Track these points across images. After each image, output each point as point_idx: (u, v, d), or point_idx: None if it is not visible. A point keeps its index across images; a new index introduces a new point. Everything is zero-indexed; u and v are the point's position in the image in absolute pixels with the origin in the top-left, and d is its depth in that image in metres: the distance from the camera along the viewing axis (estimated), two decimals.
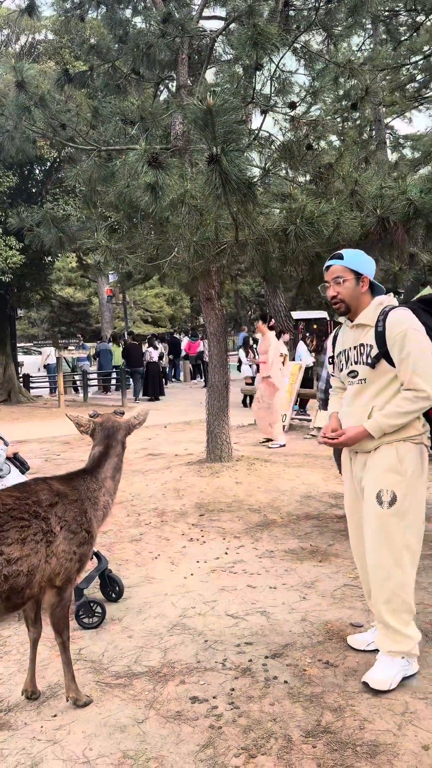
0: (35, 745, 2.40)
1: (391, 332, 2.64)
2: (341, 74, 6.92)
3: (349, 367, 2.83)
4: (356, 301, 2.78)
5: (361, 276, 2.77)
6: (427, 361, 2.59)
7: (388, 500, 2.64)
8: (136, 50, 6.65)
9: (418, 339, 2.62)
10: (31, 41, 15.95)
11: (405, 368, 2.60)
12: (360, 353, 2.76)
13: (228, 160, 4.06)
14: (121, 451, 2.94)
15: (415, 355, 2.58)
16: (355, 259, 2.79)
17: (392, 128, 25.12)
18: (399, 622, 2.66)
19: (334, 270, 2.79)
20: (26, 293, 17.56)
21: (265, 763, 2.23)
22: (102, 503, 2.78)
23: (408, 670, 2.70)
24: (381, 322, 2.68)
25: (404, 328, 2.62)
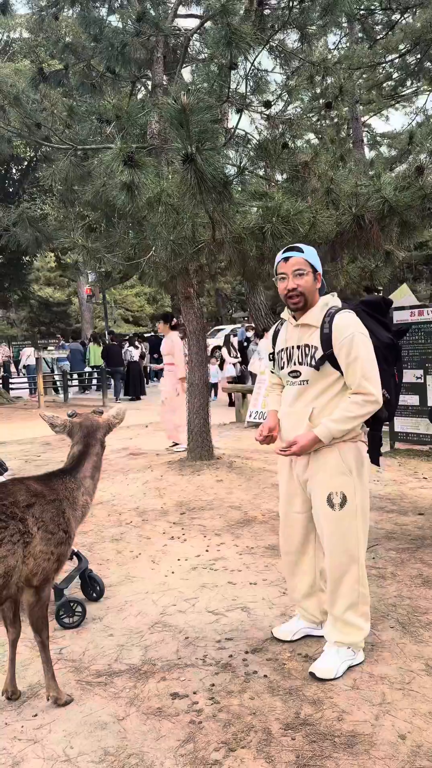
0: (16, 745, 2.40)
1: (338, 335, 2.64)
2: (316, 73, 6.98)
3: (291, 367, 2.81)
4: (311, 297, 2.76)
5: (317, 273, 2.78)
6: (374, 366, 2.63)
7: (339, 502, 2.71)
8: (111, 49, 6.63)
9: (366, 343, 2.64)
10: (5, 39, 15.81)
11: (353, 372, 2.61)
12: (304, 354, 2.75)
13: (203, 159, 4.08)
14: (100, 451, 2.93)
15: (363, 360, 2.60)
16: (313, 255, 2.79)
17: (369, 126, 25.34)
18: (356, 614, 2.77)
19: (296, 262, 2.74)
20: (4, 293, 17.43)
21: (245, 757, 2.25)
22: (81, 503, 2.77)
23: (354, 660, 2.79)
24: (327, 324, 2.67)
25: (352, 331, 2.62)
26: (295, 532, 2.95)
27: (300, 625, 3.10)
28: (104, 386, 15.91)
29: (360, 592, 2.77)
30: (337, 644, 2.79)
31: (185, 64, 7.27)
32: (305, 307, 2.77)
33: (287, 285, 2.74)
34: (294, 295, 2.74)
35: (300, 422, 2.75)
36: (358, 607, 2.78)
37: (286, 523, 2.99)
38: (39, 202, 13.59)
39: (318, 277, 2.78)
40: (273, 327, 3.03)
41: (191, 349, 7.20)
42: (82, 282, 27.40)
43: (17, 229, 7.07)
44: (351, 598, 2.76)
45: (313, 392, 2.74)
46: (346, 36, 18.29)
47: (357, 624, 2.78)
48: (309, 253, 2.78)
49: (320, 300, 2.79)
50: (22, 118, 6.18)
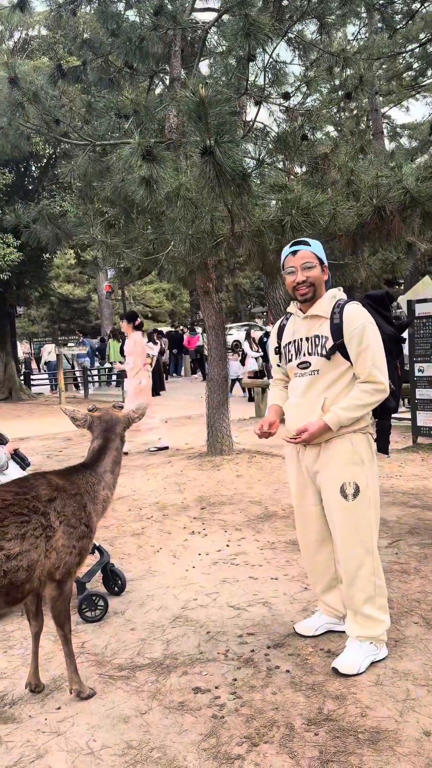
0: (39, 737, 2.42)
1: (349, 325, 2.67)
2: (335, 64, 6.90)
3: (300, 358, 2.82)
4: (320, 288, 2.80)
5: (324, 265, 2.81)
6: (383, 355, 2.68)
7: (352, 492, 2.71)
8: (128, 44, 6.63)
9: (376, 333, 2.68)
10: (24, 37, 15.90)
11: (363, 361, 2.65)
12: (314, 344, 2.76)
13: (222, 151, 4.06)
14: (120, 445, 2.93)
15: (374, 349, 2.65)
16: (319, 248, 2.83)
17: (389, 117, 25.04)
18: (374, 607, 2.75)
19: (304, 255, 2.77)
20: (25, 291, 17.56)
21: (268, 752, 2.24)
22: (101, 497, 2.78)
23: (377, 655, 2.77)
24: (338, 314, 2.71)
25: (363, 321, 2.67)
26: (312, 524, 2.94)
27: (322, 620, 3.08)
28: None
29: (376, 584, 2.75)
30: (360, 639, 2.77)
31: (203, 57, 7.24)
32: (313, 298, 2.80)
33: (296, 278, 2.77)
34: (304, 287, 2.77)
35: (312, 413, 2.74)
36: (376, 600, 2.76)
37: (301, 516, 2.99)
38: (58, 199, 13.67)
39: (325, 270, 2.81)
40: (278, 322, 3.05)
41: (210, 345, 7.19)
42: (102, 278, 27.54)
43: (37, 226, 7.11)
44: (368, 591, 2.74)
45: (324, 382, 2.74)
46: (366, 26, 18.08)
47: (377, 617, 2.76)
48: (315, 246, 2.82)
49: (328, 292, 2.82)
50: (41, 114, 6.20)
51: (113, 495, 2.89)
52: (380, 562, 2.82)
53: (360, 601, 2.75)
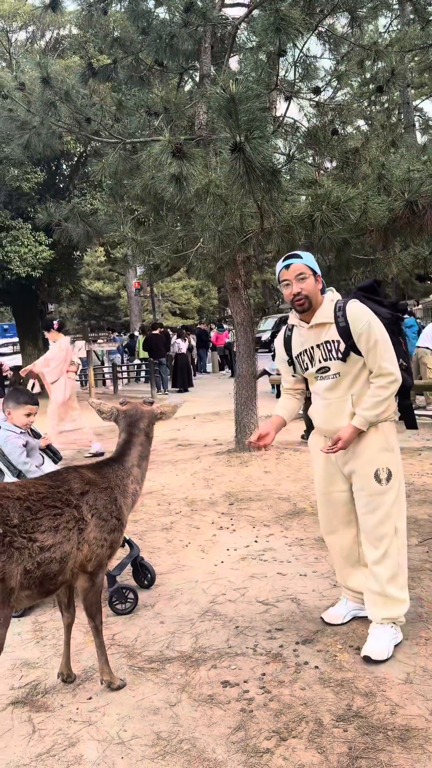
0: (71, 726, 2.46)
1: (355, 325, 2.78)
2: (367, 57, 6.82)
3: (317, 365, 2.94)
4: (315, 298, 2.89)
5: (317, 274, 2.90)
6: (390, 347, 2.80)
7: (386, 477, 2.84)
8: (158, 41, 6.65)
9: (380, 327, 2.79)
10: (55, 37, 16.07)
11: (374, 356, 2.77)
12: (328, 350, 2.88)
13: (252, 147, 4.05)
14: (144, 440, 2.93)
15: (381, 343, 2.76)
16: (311, 260, 2.92)
17: (421, 110, 24.64)
18: (397, 586, 2.85)
19: (297, 267, 2.88)
20: (56, 288, 17.79)
21: (297, 746, 2.25)
22: (131, 491, 2.81)
23: (397, 638, 2.88)
24: (341, 317, 2.82)
25: (366, 319, 2.78)
26: (339, 509, 3.05)
27: (349, 607, 3.15)
28: (152, 377, 16.02)
29: (400, 563, 2.86)
30: (384, 621, 2.86)
31: (233, 53, 7.22)
32: (311, 308, 2.90)
33: (292, 290, 2.88)
34: (300, 298, 2.87)
35: (342, 411, 2.88)
36: (398, 579, 2.86)
37: (327, 503, 3.08)
38: (89, 197, 13.80)
39: (318, 279, 2.91)
40: (281, 334, 3.12)
41: (239, 341, 7.19)
42: (131, 275, 27.73)
43: (68, 224, 7.19)
44: (392, 569, 2.85)
45: (347, 381, 2.87)
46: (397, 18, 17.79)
47: (398, 596, 2.86)
48: (307, 258, 2.92)
49: (326, 297, 2.93)
50: (73, 113, 6.27)
51: (142, 489, 2.92)
52: (406, 541, 2.92)
53: (385, 578, 2.84)
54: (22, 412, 3.89)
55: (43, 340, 17.46)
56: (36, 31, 16.18)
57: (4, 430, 3.86)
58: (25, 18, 15.21)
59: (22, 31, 16.25)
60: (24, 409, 3.90)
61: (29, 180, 13.26)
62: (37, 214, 8.24)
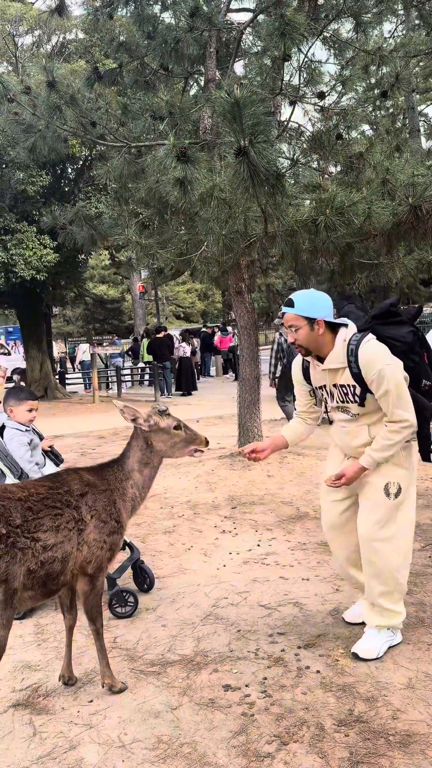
0: (72, 729, 2.46)
1: (367, 373, 2.71)
2: (371, 62, 6.83)
3: (336, 404, 2.90)
4: (315, 344, 2.82)
5: (315, 320, 2.77)
6: (404, 392, 2.70)
7: (395, 492, 2.80)
8: (164, 46, 6.68)
9: (393, 373, 2.68)
10: (61, 41, 16.15)
11: (386, 403, 2.71)
12: (344, 393, 2.83)
13: (256, 151, 4.06)
14: (143, 445, 2.84)
15: (393, 391, 2.68)
16: (305, 305, 2.79)
17: (426, 116, 24.64)
18: (390, 601, 2.84)
19: (287, 318, 2.82)
20: (61, 291, 17.84)
21: (298, 751, 2.24)
22: (130, 495, 2.79)
23: (393, 640, 2.90)
24: (354, 363, 2.73)
25: (378, 367, 2.67)
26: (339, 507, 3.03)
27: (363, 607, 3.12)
28: (156, 381, 16.04)
29: (398, 581, 2.83)
30: (378, 627, 2.87)
31: (238, 58, 7.25)
32: (311, 353, 2.86)
33: (289, 339, 2.89)
34: (297, 346, 2.86)
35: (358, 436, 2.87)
36: (393, 595, 2.85)
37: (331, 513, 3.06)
38: (94, 201, 13.84)
39: (317, 324, 2.77)
40: (299, 363, 3.05)
41: (242, 345, 7.19)
42: (135, 279, 27.79)
43: (73, 228, 7.21)
44: (387, 586, 2.82)
45: (366, 419, 2.86)
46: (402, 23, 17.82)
47: (393, 609, 2.86)
48: (301, 305, 2.79)
49: (338, 337, 2.81)
50: (78, 117, 6.29)
51: (144, 496, 2.87)
52: (410, 562, 2.88)
53: (377, 593, 2.83)
54: (24, 408, 3.91)
55: (47, 342, 17.52)
56: (42, 36, 16.26)
57: (10, 428, 3.87)
58: (31, 22, 15.30)
59: (28, 35, 16.35)
60: (26, 405, 3.91)
61: (34, 183, 13.31)
62: (42, 218, 8.25)
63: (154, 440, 2.86)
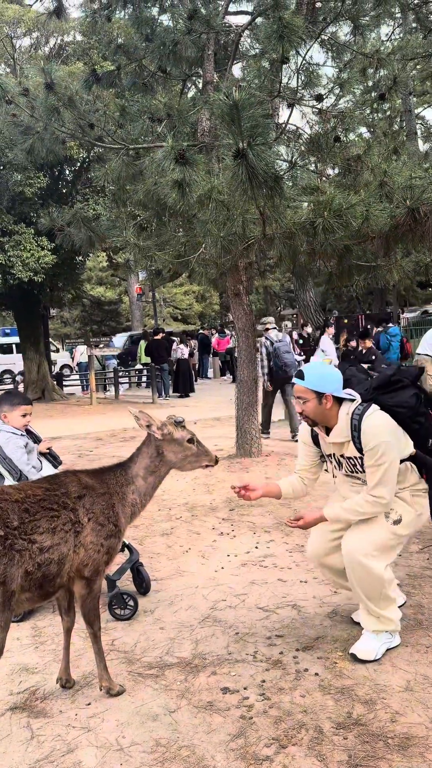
0: (70, 732, 2.45)
1: (365, 443, 2.78)
2: (369, 65, 6.86)
3: (345, 471, 2.97)
4: (322, 417, 2.89)
5: (323, 395, 2.84)
6: (393, 473, 2.77)
7: (395, 519, 2.84)
8: (162, 48, 6.69)
9: (390, 451, 2.75)
10: (59, 43, 16.15)
11: (373, 476, 2.76)
12: (352, 464, 2.91)
13: (254, 154, 4.07)
14: (154, 453, 2.84)
15: (384, 468, 2.74)
16: (315, 379, 2.85)
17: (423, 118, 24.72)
18: (380, 608, 2.84)
19: (297, 389, 2.91)
20: (58, 293, 17.80)
21: (296, 754, 2.24)
22: (130, 500, 2.78)
23: (392, 643, 2.90)
24: (357, 438, 2.80)
25: (377, 442, 2.74)
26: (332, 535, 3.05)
27: None
28: (153, 383, 16.03)
29: (386, 594, 2.83)
30: (375, 632, 2.88)
31: (236, 60, 7.26)
32: (317, 424, 2.94)
33: (297, 409, 2.98)
34: (304, 416, 2.93)
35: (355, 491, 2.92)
36: (380, 603, 2.85)
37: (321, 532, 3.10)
38: (92, 203, 13.82)
39: (326, 398, 2.84)
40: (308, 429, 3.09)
41: (240, 346, 7.19)
42: (133, 281, 27.77)
43: (71, 229, 7.21)
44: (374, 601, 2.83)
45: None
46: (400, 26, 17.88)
47: (387, 616, 2.86)
48: (311, 379, 2.86)
49: (341, 412, 2.86)
50: (76, 119, 6.30)
51: (145, 503, 2.86)
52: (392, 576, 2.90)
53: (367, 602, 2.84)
54: (18, 413, 3.91)
55: (45, 344, 17.49)
56: (40, 38, 16.26)
57: (5, 432, 3.86)
58: (29, 24, 15.28)
59: (26, 37, 16.34)
60: (19, 410, 3.91)
61: (32, 185, 13.29)
62: (39, 219, 8.26)
63: (166, 450, 2.85)
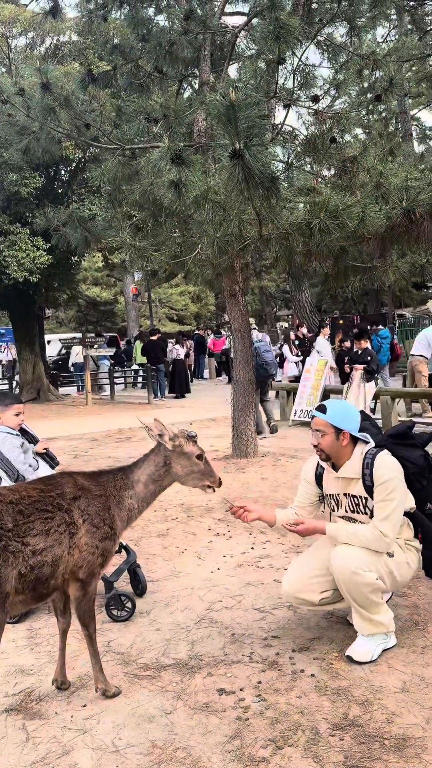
0: (66, 734, 2.44)
1: (378, 479, 2.82)
2: (365, 66, 6.87)
3: (343, 513, 3.01)
4: (336, 453, 2.93)
5: (342, 431, 2.90)
6: (399, 513, 2.84)
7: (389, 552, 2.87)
8: (158, 48, 6.68)
9: (401, 490, 2.83)
10: (55, 43, 16.12)
11: (381, 509, 2.81)
12: (355, 503, 2.95)
13: (251, 154, 4.07)
14: (161, 463, 2.83)
15: (393, 505, 2.80)
16: (338, 416, 2.91)
17: (418, 120, 24.79)
18: (372, 613, 2.85)
19: (317, 422, 2.94)
20: (54, 293, 17.77)
21: (293, 755, 2.24)
22: (126, 505, 2.77)
23: (387, 643, 2.90)
24: (368, 475, 2.85)
25: (391, 476, 2.81)
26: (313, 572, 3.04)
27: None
28: (149, 383, 16.01)
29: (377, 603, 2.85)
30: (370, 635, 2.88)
31: (232, 61, 7.27)
32: (329, 460, 2.96)
33: (312, 441, 2.98)
34: (318, 450, 2.96)
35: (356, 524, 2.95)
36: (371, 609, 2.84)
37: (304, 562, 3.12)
38: (87, 203, 13.80)
39: (343, 435, 2.90)
40: (313, 467, 3.16)
41: (236, 347, 7.19)
42: (129, 281, 27.74)
43: (67, 230, 7.20)
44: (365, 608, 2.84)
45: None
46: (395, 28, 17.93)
47: (379, 620, 2.86)
48: (333, 414, 2.91)
49: (356, 450, 2.93)
50: (72, 119, 6.29)
51: (142, 510, 2.86)
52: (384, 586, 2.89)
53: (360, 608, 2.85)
54: (11, 412, 3.91)
55: (40, 344, 17.45)
56: (36, 37, 16.23)
57: (1, 432, 3.85)
58: (25, 24, 15.24)
59: (21, 36, 16.30)
60: (12, 410, 3.91)
61: (28, 185, 13.27)
62: (35, 219, 8.23)
63: (174, 462, 2.85)
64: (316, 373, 10.28)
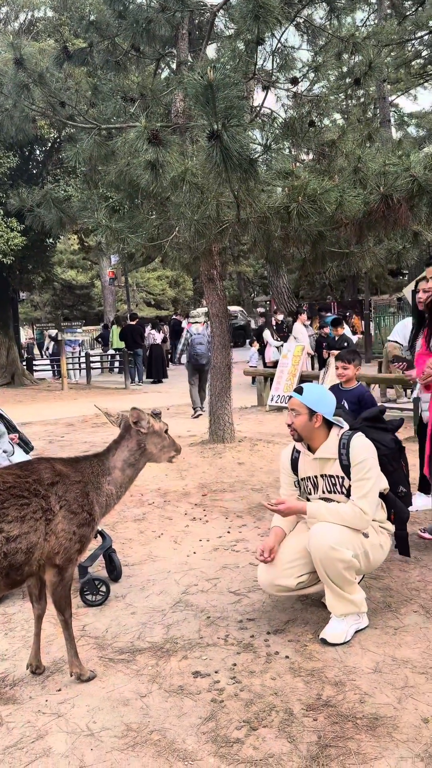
0: (40, 719, 2.43)
1: (354, 458, 2.91)
2: (344, 50, 6.82)
3: (320, 495, 3.05)
4: (308, 434, 3.00)
5: (315, 413, 2.96)
6: (376, 492, 2.94)
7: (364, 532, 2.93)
8: (135, 26, 6.55)
9: (375, 468, 2.93)
10: (30, 19, 15.73)
11: (359, 489, 2.89)
12: (332, 483, 3.00)
13: (229, 135, 4.02)
14: (135, 447, 2.86)
15: (371, 484, 2.89)
16: (312, 398, 2.98)
17: (397, 106, 24.79)
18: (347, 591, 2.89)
19: (292, 402, 3.00)
20: (28, 276, 17.51)
21: (267, 736, 2.26)
22: (105, 490, 2.76)
23: (360, 624, 2.95)
24: (345, 455, 2.93)
25: (366, 456, 2.91)
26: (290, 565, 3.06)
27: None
28: (126, 368, 15.90)
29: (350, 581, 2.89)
30: (342, 616, 2.91)
31: (210, 41, 7.15)
32: (302, 440, 3.03)
33: (287, 420, 3.06)
34: (291, 429, 3.03)
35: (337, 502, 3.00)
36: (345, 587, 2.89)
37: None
38: (63, 183, 13.58)
39: (317, 417, 2.96)
40: (288, 453, 3.19)
41: (214, 332, 7.17)
42: (105, 265, 27.42)
43: (41, 210, 7.06)
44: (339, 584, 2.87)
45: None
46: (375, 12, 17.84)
47: (351, 599, 2.91)
48: (308, 396, 2.98)
49: (332, 432, 3.01)
50: (47, 97, 6.15)
51: (121, 495, 2.87)
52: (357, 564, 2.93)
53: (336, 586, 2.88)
54: None
55: (14, 328, 17.21)
56: (9, 12, 15.82)
57: None
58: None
59: None
60: None
61: (1, 165, 13.00)
62: (9, 200, 8.06)
63: (148, 443, 2.89)
64: (293, 359, 10.30)
